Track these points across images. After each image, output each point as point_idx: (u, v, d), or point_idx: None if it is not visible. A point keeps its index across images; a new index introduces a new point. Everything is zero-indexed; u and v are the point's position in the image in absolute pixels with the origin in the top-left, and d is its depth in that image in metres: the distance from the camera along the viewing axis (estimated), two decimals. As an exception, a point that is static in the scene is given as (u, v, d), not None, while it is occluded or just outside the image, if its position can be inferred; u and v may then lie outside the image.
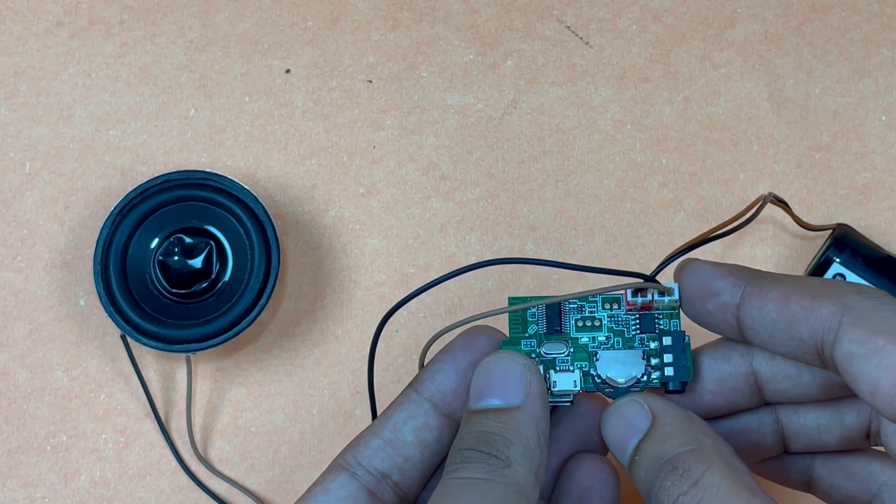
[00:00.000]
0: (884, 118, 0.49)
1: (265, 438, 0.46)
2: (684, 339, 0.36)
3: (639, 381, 0.35)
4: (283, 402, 0.47)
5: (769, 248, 0.48)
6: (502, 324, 0.36)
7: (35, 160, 0.48)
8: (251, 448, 0.46)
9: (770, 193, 0.39)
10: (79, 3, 0.50)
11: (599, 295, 0.36)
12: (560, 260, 0.48)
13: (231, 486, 0.46)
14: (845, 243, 0.46)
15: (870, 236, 0.48)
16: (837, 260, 0.45)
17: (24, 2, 0.50)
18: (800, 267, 0.48)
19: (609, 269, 0.36)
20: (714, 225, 0.48)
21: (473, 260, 0.48)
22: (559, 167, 0.49)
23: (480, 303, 0.47)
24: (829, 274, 0.45)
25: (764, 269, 0.47)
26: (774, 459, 0.37)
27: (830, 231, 0.46)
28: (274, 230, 0.45)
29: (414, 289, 0.47)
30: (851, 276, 0.45)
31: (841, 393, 0.35)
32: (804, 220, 0.47)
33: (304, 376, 0.47)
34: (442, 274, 0.47)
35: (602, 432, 0.35)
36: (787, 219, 0.47)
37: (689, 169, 0.49)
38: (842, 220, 0.48)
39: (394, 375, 0.47)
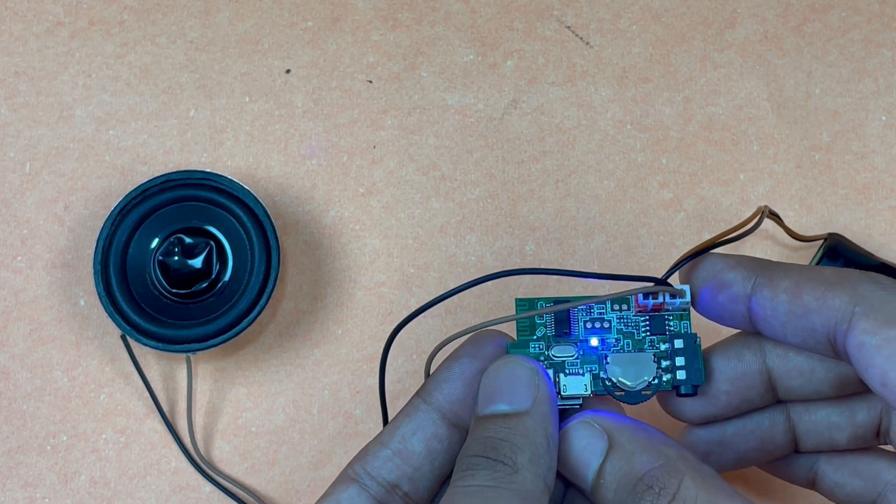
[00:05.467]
0: (884, 118, 0.49)
1: (265, 438, 0.46)
2: (695, 342, 0.35)
3: (650, 384, 0.35)
4: (283, 402, 0.47)
5: (765, 257, 0.48)
6: (510, 324, 0.36)
7: (35, 160, 0.48)
8: (251, 448, 0.46)
9: (766, 206, 0.39)
10: (79, 3, 0.50)
11: (609, 300, 0.36)
12: (559, 259, 0.48)
13: (231, 485, 0.46)
14: (838, 252, 0.46)
15: (869, 237, 0.48)
16: None
17: (24, 2, 0.50)
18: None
19: (622, 276, 0.35)
20: (713, 225, 0.48)
21: (473, 260, 0.48)
22: (559, 167, 0.49)
23: (480, 301, 0.47)
24: None
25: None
26: (781, 458, 0.37)
27: (823, 241, 0.46)
28: (274, 230, 0.45)
29: (416, 289, 0.47)
30: None
31: (853, 389, 0.35)
32: (803, 220, 0.47)
33: (304, 376, 0.47)
34: (443, 275, 0.48)
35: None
36: (780, 231, 0.47)
37: (689, 169, 0.49)
38: (842, 221, 0.48)
39: (393, 376, 0.47)
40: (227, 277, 0.45)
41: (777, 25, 0.50)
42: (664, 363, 0.35)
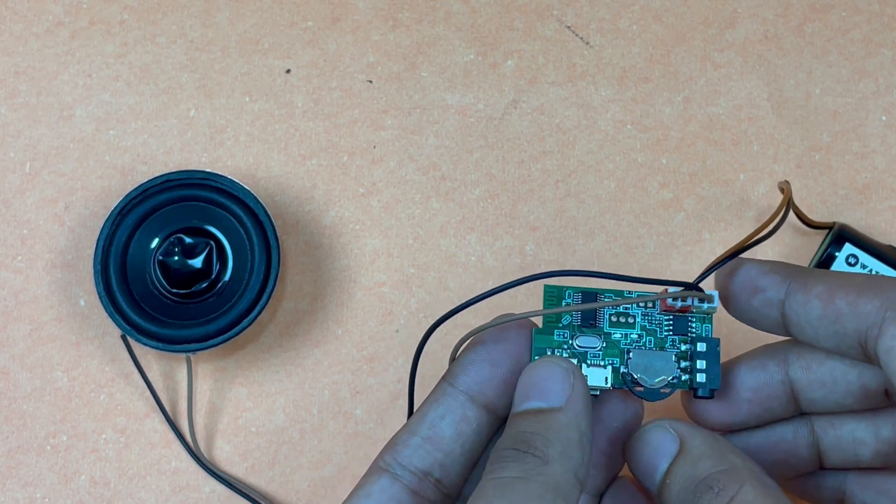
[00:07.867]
0: (884, 118, 0.49)
1: (265, 438, 0.46)
2: (716, 347, 0.36)
3: (669, 382, 0.35)
4: (283, 402, 0.47)
5: (770, 247, 0.48)
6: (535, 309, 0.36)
7: (35, 160, 0.48)
8: (251, 448, 0.46)
9: (787, 182, 0.39)
10: (79, 3, 0.50)
11: (639, 301, 0.36)
12: (560, 259, 0.48)
13: (232, 485, 0.46)
14: (845, 239, 0.46)
15: (870, 236, 0.48)
16: (839, 256, 0.45)
17: (25, 2, 0.50)
18: (803, 263, 0.48)
19: (657, 280, 0.35)
20: (713, 225, 0.48)
21: (473, 260, 0.48)
22: (559, 167, 0.49)
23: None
24: (833, 268, 0.46)
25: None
26: (808, 476, 0.38)
27: (829, 228, 0.47)
28: (274, 230, 0.45)
29: (416, 289, 0.47)
30: (856, 269, 0.45)
31: (876, 403, 0.35)
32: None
33: (304, 376, 0.47)
34: (443, 275, 0.48)
35: (627, 459, 0.35)
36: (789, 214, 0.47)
37: (689, 169, 0.49)
38: (842, 221, 0.48)
39: (394, 376, 0.47)
40: (227, 277, 0.45)
41: (777, 25, 0.50)
42: (683, 363, 0.36)
